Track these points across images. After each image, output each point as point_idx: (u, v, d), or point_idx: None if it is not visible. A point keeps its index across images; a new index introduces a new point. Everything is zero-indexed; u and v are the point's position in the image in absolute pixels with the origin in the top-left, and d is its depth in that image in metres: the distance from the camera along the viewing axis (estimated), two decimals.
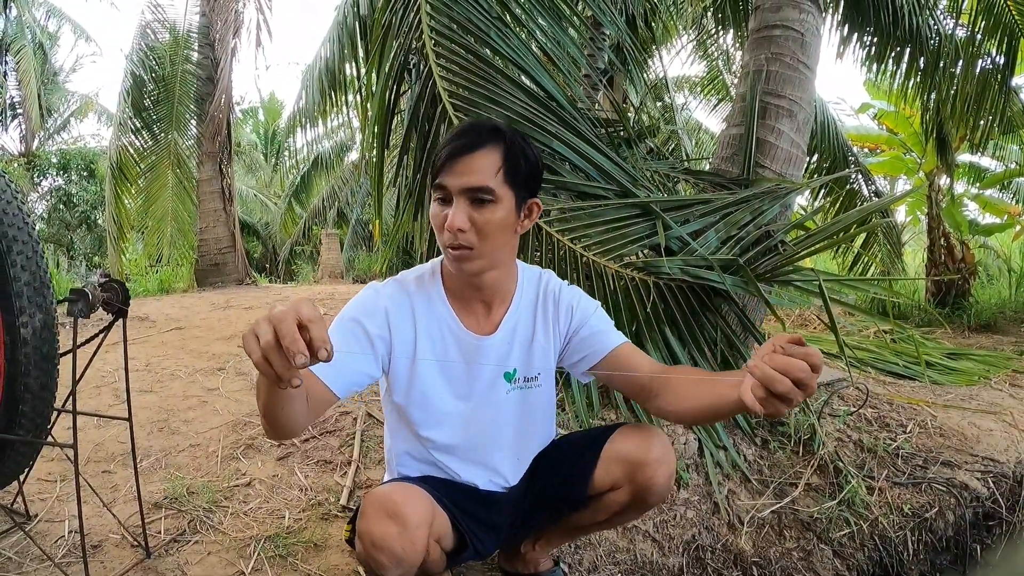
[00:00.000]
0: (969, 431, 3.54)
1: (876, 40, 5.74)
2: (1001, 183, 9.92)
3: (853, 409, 3.50)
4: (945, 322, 7.41)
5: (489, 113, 3.10)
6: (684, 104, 11.13)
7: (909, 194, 9.64)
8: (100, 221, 18.42)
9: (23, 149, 20.20)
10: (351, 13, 6.92)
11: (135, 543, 2.30)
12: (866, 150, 9.96)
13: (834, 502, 2.85)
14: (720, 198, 3.38)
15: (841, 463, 3.00)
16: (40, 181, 19.60)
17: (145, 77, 10.07)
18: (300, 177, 20.00)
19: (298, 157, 18.06)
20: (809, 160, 7.06)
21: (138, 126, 10.17)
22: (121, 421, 2.37)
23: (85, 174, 19.31)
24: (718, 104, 10.13)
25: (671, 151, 6.49)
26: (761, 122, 3.70)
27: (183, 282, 10.46)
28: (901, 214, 11.03)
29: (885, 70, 6.06)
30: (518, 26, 3.62)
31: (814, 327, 6.64)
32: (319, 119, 8.76)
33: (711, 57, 8.99)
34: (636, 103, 7.06)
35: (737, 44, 6.96)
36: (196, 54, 10.51)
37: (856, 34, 5.70)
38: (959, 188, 9.84)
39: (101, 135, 22.05)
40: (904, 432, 3.40)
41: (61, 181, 19.65)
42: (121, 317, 2.13)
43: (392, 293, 1.75)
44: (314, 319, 1.10)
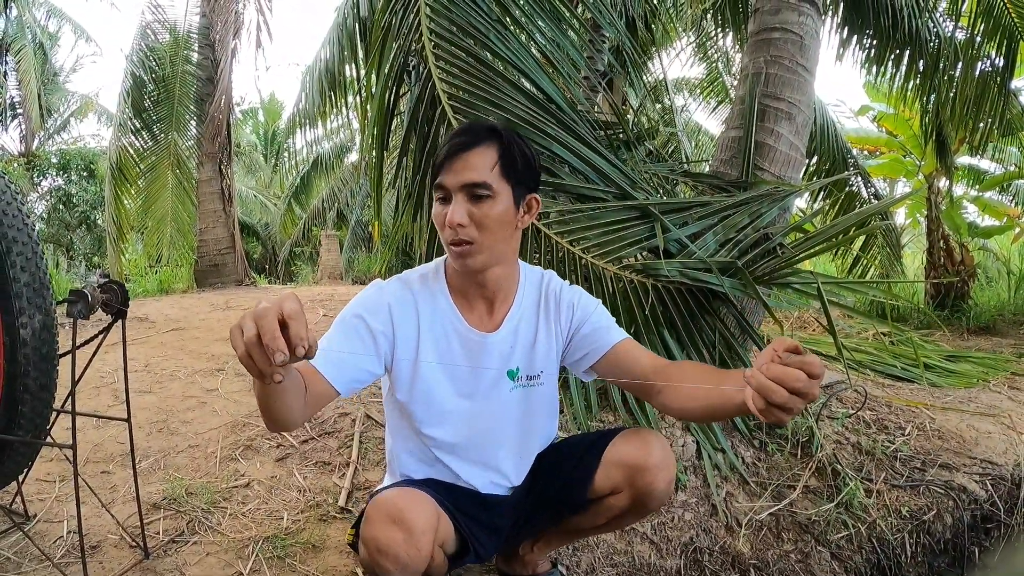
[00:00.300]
0: (968, 433, 3.54)
1: (875, 42, 5.76)
2: (1000, 185, 9.92)
3: (851, 411, 3.50)
4: (944, 324, 7.40)
5: (488, 115, 3.11)
6: (684, 106, 11.14)
7: (908, 196, 9.63)
8: (100, 221, 18.42)
9: (23, 149, 20.22)
10: (351, 14, 6.92)
11: (134, 544, 2.30)
12: (865, 152, 9.96)
13: (832, 504, 2.85)
14: (719, 200, 3.38)
15: (839, 465, 3.01)
16: (40, 181, 19.61)
17: (145, 78, 10.07)
18: (300, 178, 19.99)
19: (298, 158, 18.08)
20: (808, 162, 7.07)
21: (138, 126, 10.17)
22: (120, 422, 2.38)
23: (85, 174, 19.31)
24: (717, 106, 10.13)
25: (670, 153, 6.51)
26: (760, 125, 3.71)
27: (182, 283, 10.46)
28: (900, 216, 11.04)
29: (884, 72, 6.08)
30: (518, 28, 3.62)
31: (813, 329, 6.64)
32: (319, 120, 8.76)
33: (711, 59, 8.99)
34: (635, 105, 7.06)
35: (736, 46, 6.98)
36: (196, 55, 10.52)
37: (855, 36, 5.72)
38: (958, 190, 9.83)
39: (101, 135, 22.10)
40: (902, 434, 3.40)
41: (61, 181, 19.66)
42: (120, 318, 2.14)
43: (396, 290, 1.77)
44: (295, 315, 1.10)
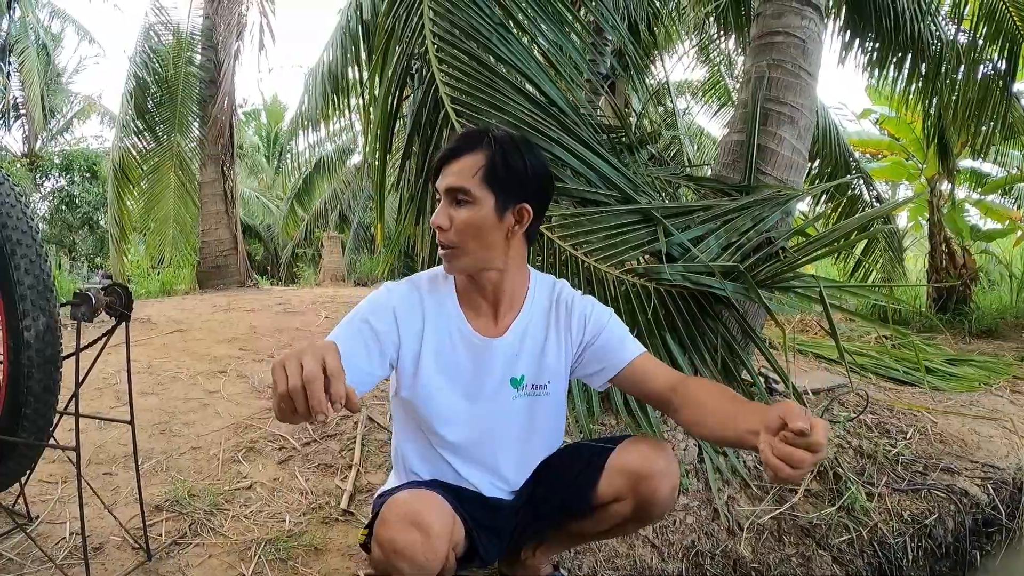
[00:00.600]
0: (969, 437, 3.55)
1: (878, 46, 5.77)
2: (1003, 188, 9.93)
3: (853, 415, 3.50)
4: (946, 328, 7.41)
5: (491, 119, 3.11)
6: (686, 109, 11.13)
7: (911, 200, 9.64)
8: (102, 222, 18.48)
9: (26, 150, 20.27)
10: (354, 17, 6.93)
11: (136, 545, 2.31)
12: (868, 156, 9.96)
13: (834, 508, 2.85)
14: (721, 204, 3.38)
15: (841, 469, 3.01)
16: (43, 182, 19.68)
17: (148, 79, 10.08)
18: (302, 180, 20.01)
19: (300, 160, 18.10)
20: (810, 166, 7.08)
21: (141, 128, 10.19)
22: (122, 424, 2.38)
23: (88, 175, 19.38)
24: (720, 109, 10.13)
25: (673, 157, 6.51)
26: (762, 128, 3.70)
27: (185, 284, 10.49)
28: (903, 220, 11.05)
29: (887, 76, 6.09)
30: (520, 31, 3.63)
31: (815, 332, 6.64)
32: (322, 122, 8.76)
33: (713, 62, 8.99)
34: (638, 109, 7.06)
35: (739, 49, 6.97)
36: (199, 56, 10.55)
37: (858, 40, 5.72)
38: (960, 194, 9.85)
39: (104, 136, 22.12)
40: (904, 438, 3.40)
41: (64, 182, 19.73)
42: (124, 321, 2.14)
43: (403, 292, 1.80)
44: (336, 374, 1.21)
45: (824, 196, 7.52)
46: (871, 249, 7.81)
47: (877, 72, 6.02)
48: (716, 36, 7.53)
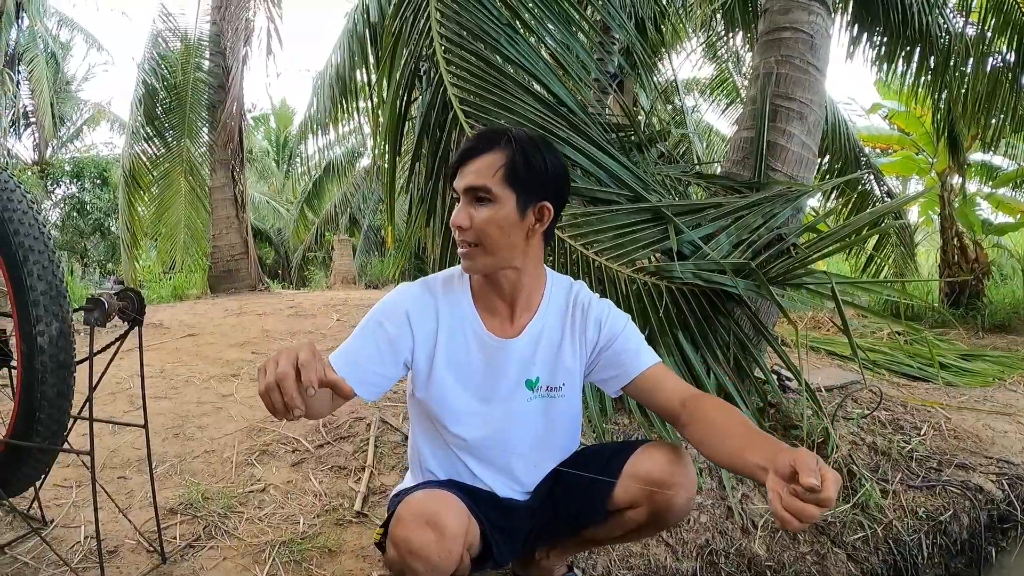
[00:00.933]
0: (984, 433, 3.52)
1: (886, 40, 5.74)
2: (1014, 182, 9.85)
3: (867, 412, 3.48)
4: (959, 323, 7.37)
5: (500, 119, 3.11)
6: (694, 107, 11.12)
7: (921, 195, 9.61)
8: (113, 228, 18.54)
9: (36, 157, 20.36)
10: (361, 20, 6.95)
11: (151, 548, 2.31)
12: (877, 150, 9.93)
13: (848, 505, 2.83)
14: (732, 202, 3.37)
15: (855, 466, 2.99)
16: (53, 189, 19.76)
17: (157, 85, 10.14)
18: (312, 183, 20.06)
19: (310, 163, 18.13)
20: (820, 162, 7.05)
21: (150, 134, 10.25)
22: (136, 428, 2.39)
23: (98, 182, 19.44)
24: (728, 107, 10.11)
25: (682, 155, 6.49)
26: (772, 125, 3.70)
27: (196, 288, 10.52)
28: (914, 214, 11.00)
29: (895, 70, 6.06)
30: (528, 32, 3.62)
31: (827, 329, 6.62)
32: (330, 125, 8.78)
33: (721, 59, 8.98)
34: (646, 107, 7.06)
35: (746, 46, 6.96)
36: (207, 62, 10.59)
37: (866, 34, 5.70)
38: (971, 187, 9.79)
39: (114, 143, 22.24)
40: (918, 434, 3.39)
41: (74, 189, 19.80)
42: (137, 326, 2.15)
43: (417, 294, 1.80)
44: (307, 365, 1.31)
45: (834, 192, 7.49)
46: (882, 245, 7.79)
47: (886, 66, 5.99)
48: (723, 33, 7.51)
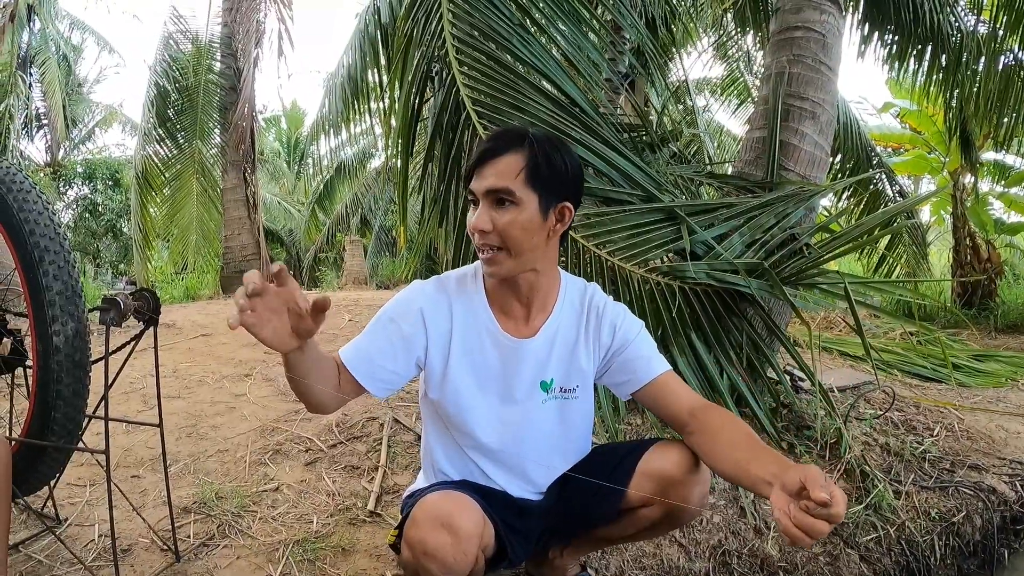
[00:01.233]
0: (997, 434, 3.51)
1: (897, 38, 5.70)
2: None
3: (880, 412, 3.47)
4: (971, 323, 7.34)
5: (512, 120, 3.11)
6: (705, 107, 11.10)
7: (934, 194, 9.57)
8: (126, 229, 18.63)
9: (49, 159, 20.45)
10: (372, 21, 6.95)
11: (165, 547, 2.33)
12: (889, 150, 9.90)
13: (861, 506, 2.82)
14: (744, 202, 3.37)
15: (868, 467, 2.98)
16: (66, 190, 19.85)
17: (169, 87, 10.19)
18: (323, 184, 20.09)
19: (321, 164, 18.15)
20: (832, 161, 7.02)
21: (162, 135, 10.31)
22: (149, 427, 2.41)
23: (110, 183, 19.53)
24: (739, 107, 10.08)
25: (693, 155, 6.48)
26: (784, 124, 3.69)
27: (209, 289, 10.55)
28: (926, 214, 10.95)
29: (907, 68, 6.02)
30: (539, 32, 3.62)
31: (840, 329, 6.60)
32: (342, 126, 8.79)
33: (731, 58, 8.96)
34: (658, 107, 7.05)
35: (758, 45, 6.94)
36: (219, 64, 10.64)
37: (877, 33, 5.67)
38: (984, 187, 9.74)
39: (126, 145, 22.32)
40: (931, 435, 3.37)
41: (87, 190, 19.89)
42: (152, 326, 2.16)
43: (431, 292, 1.78)
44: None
45: (847, 191, 7.47)
46: (895, 244, 7.74)
47: (897, 65, 5.95)
48: (734, 32, 7.50)
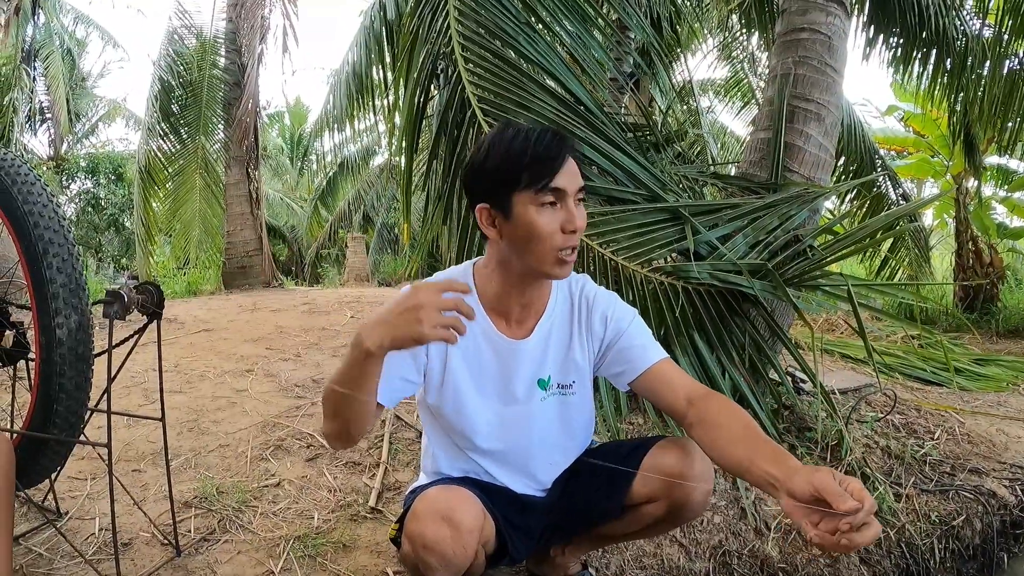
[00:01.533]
0: (997, 438, 3.50)
1: (902, 41, 5.70)
2: None
3: (881, 415, 3.47)
4: (973, 327, 7.34)
5: (518, 118, 3.11)
6: (709, 107, 11.09)
7: (937, 198, 9.56)
8: (128, 224, 18.62)
9: (52, 153, 20.45)
10: (377, 18, 6.95)
11: (165, 541, 2.33)
12: (893, 153, 9.89)
13: None
14: (748, 203, 3.36)
15: (868, 469, 2.98)
16: (69, 184, 19.84)
17: (173, 82, 10.17)
18: (326, 181, 20.12)
19: (325, 161, 18.16)
20: (836, 163, 7.02)
21: (166, 130, 10.29)
22: (151, 421, 2.41)
23: (113, 177, 19.51)
24: (743, 108, 10.07)
25: (697, 155, 6.48)
26: (789, 126, 3.68)
27: (211, 284, 10.58)
28: (929, 217, 10.97)
29: (911, 72, 6.02)
30: (545, 30, 3.62)
31: (842, 331, 6.60)
32: (346, 123, 8.80)
33: (736, 59, 8.95)
34: (663, 107, 7.04)
35: (763, 47, 6.93)
36: (223, 59, 10.63)
37: (882, 35, 5.66)
38: (987, 191, 9.73)
39: (129, 139, 22.25)
40: (932, 438, 3.37)
41: (89, 184, 19.87)
42: (156, 320, 2.16)
43: None
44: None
45: (850, 194, 7.46)
46: (897, 247, 7.73)
47: (902, 68, 5.95)
48: (739, 33, 7.49)
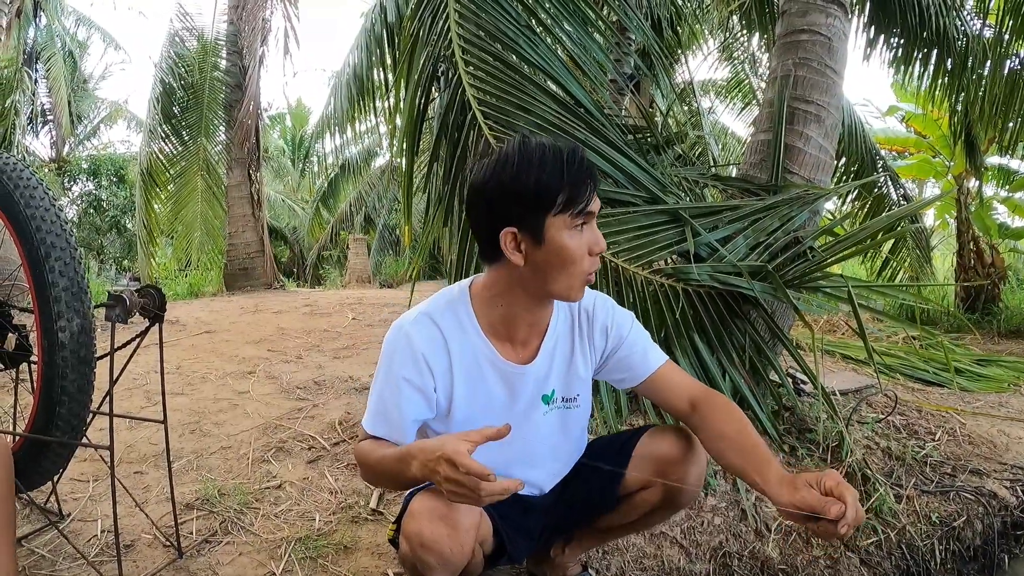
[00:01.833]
0: (998, 439, 3.50)
1: (903, 42, 5.70)
2: None
3: (881, 416, 3.47)
4: (974, 328, 7.31)
5: (518, 121, 3.11)
6: (710, 108, 11.09)
7: (938, 198, 9.54)
8: (130, 226, 18.65)
9: (53, 155, 20.48)
10: (378, 20, 6.95)
11: (167, 543, 2.34)
12: (894, 153, 9.88)
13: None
14: (749, 204, 3.37)
15: (869, 471, 2.98)
16: (71, 186, 19.88)
17: (174, 84, 10.18)
18: (327, 182, 20.13)
19: (326, 162, 18.16)
20: (837, 164, 7.02)
21: (167, 132, 10.30)
22: (153, 423, 2.41)
23: (115, 179, 19.54)
24: (743, 109, 10.07)
25: (698, 156, 6.48)
26: (789, 127, 3.68)
27: (212, 286, 10.58)
28: (930, 218, 10.95)
29: (912, 72, 6.01)
30: (545, 32, 3.63)
31: (842, 333, 6.59)
32: (347, 125, 8.80)
33: (737, 60, 8.95)
34: (663, 109, 7.05)
35: (763, 48, 6.94)
36: (224, 61, 10.65)
37: (882, 36, 5.66)
38: (988, 191, 9.71)
39: (130, 141, 22.30)
40: (933, 439, 3.37)
41: (91, 186, 19.90)
42: (158, 323, 2.17)
43: (424, 332, 1.70)
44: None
45: (851, 195, 7.46)
46: (898, 248, 7.73)
47: (902, 69, 5.95)
48: (740, 35, 7.49)
